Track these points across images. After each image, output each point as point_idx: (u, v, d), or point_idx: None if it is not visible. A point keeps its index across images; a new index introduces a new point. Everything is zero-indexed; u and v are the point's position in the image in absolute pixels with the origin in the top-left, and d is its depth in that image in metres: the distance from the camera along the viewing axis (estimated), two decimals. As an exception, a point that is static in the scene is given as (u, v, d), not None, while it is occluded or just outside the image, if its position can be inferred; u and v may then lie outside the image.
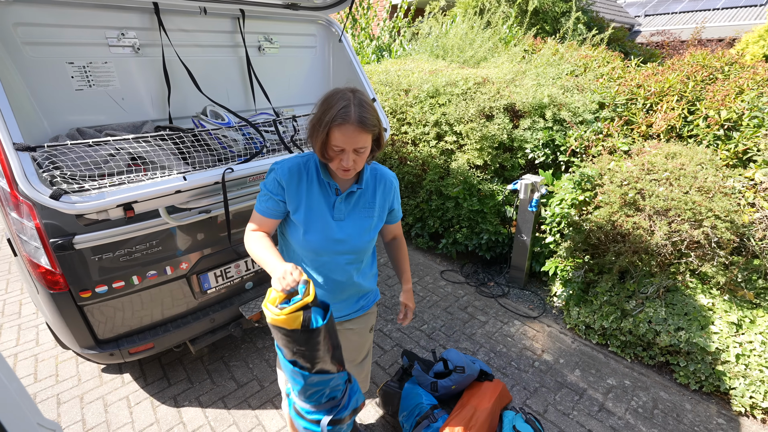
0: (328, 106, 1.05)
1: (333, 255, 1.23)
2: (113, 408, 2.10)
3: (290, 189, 1.18)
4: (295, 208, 1.19)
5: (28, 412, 0.54)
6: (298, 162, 1.20)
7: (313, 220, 1.19)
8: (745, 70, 2.71)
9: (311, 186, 1.20)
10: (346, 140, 1.04)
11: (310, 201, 1.19)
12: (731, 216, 2.04)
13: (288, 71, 2.23)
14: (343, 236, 1.21)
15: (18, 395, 0.53)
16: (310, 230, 1.19)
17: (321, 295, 1.28)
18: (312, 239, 1.20)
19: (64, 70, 1.52)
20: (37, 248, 1.71)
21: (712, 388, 2.06)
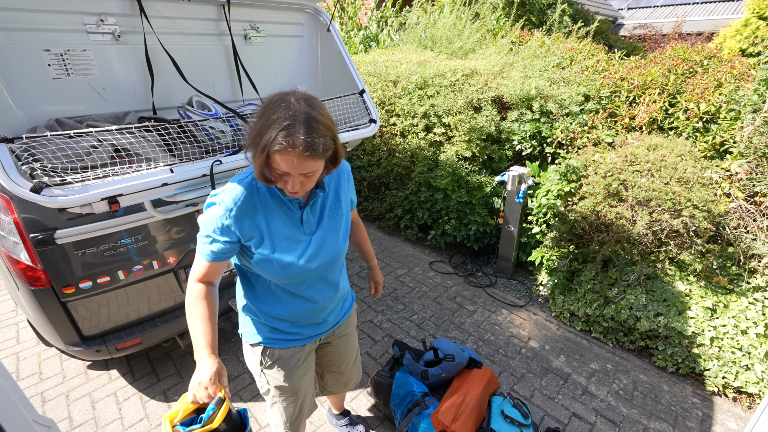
0: (267, 122, 0.85)
1: (317, 273, 1.11)
2: (101, 405, 2.07)
3: (243, 226, 0.99)
4: (258, 241, 1.01)
5: (23, 409, 0.53)
6: (243, 190, 0.98)
7: (284, 248, 1.03)
8: (723, 64, 2.79)
9: (268, 210, 1.01)
10: (291, 167, 0.87)
11: (273, 228, 1.02)
12: (708, 206, 2.12)
13: (275, 61, 2.19)
14: (322, 250, 1.08)
15: (12, 392, 0.52)
16: (285, 260, 1.03)
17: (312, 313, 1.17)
18: (290, 269, 1.04)
19: (40, 58, 1.45)
20: (17, 243, 1.65)
21: (687, 369, 2.17)
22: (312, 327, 1.22)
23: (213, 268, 1.03)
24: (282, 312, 1.14)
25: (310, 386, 1.35)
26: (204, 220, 1.01)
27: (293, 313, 1.15)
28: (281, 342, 1.19)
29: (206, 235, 1.00)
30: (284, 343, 1.19)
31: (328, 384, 1.55)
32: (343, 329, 1.37)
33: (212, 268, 1.03)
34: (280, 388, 1.25)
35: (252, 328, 1.19)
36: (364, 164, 3.81)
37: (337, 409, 1.87)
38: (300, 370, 1.25)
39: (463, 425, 1.68)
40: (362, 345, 2.45)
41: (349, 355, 1.46)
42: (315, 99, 0.93)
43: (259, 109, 0.92)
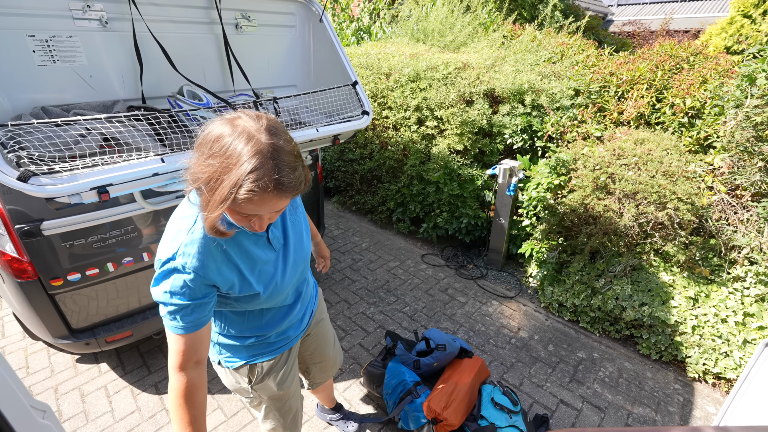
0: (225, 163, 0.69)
1: (294, 281, 1.05)
2: (91, 398, 2.05)
3: (217, 274, 0.85)
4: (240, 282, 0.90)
5: (20, 394, 0.53)
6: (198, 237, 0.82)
7: (264, 274, 0.94)
8: (709, 60, 2.86)
9: (238, 246, 0.89)
10: (263, 210, 0.75)
11: (248, 261, 0.91)
12: (692, 198, 2.18)
13: (267, 51, 2.17)
14: (294, 257, 1.02)
15: (9, 378, 0.52)
16: (267, 286, 0.95)
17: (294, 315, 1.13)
18: (273, 290, 0.96)
19: (24, 44, 1.41)
20: (1, 235, 1.62)
21: (670, 357, 2.24)
22: (295, 327, 1.19)
23: (195, 340, 0.85)
24: (266, 328, 1.08)
25: (298, 384, 1.33)
26: (168, 293, 0.82)
27: (278, 323, 1.10)
28: (269, 354, 1.12)
29: (179, 307, 0.82)
30: (273, 353, 1.13)
31: (315, 377, 1.52)
32: (318, 316, 1.35)
33: (194, 341, 0.86)
34: (276, 398, 1.21)
35: (230, 352, 1.10)
36: (357, 157, 3.81)
37: (329, 403, 1.84)
38: (290, 374, 1.22)
39: (454, 412, 1.72)
40: (355, 336, 2.47)
41: (329, 338, 1.44)
42: (274, 121, 0.76)
43: (205, 142, 0.73)
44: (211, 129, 0.74)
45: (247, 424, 1.91)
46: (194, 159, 0.75)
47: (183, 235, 0.83)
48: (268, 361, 1.13)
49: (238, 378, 1.14)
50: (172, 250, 0.82)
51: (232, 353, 1.11)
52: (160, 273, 0.83)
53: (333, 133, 1.89)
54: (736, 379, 2.04)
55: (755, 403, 1.06)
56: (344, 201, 4.19)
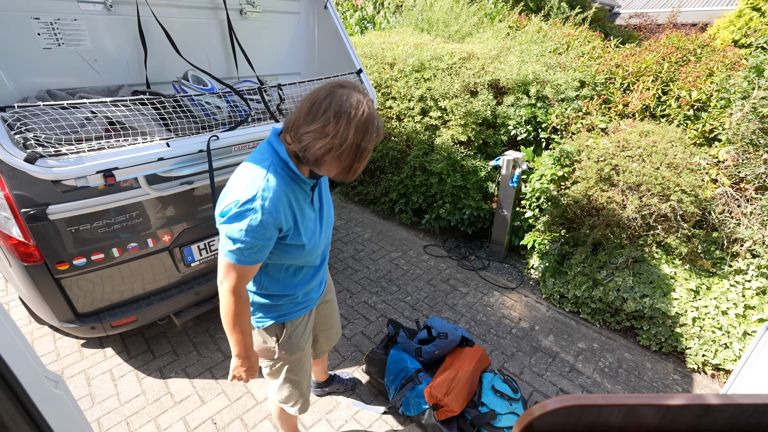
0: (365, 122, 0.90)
1: (323, 243, 1.19)
2: (96, 381, 2.08)
3: (283, 218, 0.98)
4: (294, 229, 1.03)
5: (35, 364, 0.54)
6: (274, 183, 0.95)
7: (308, 229, 1.07)
8: (716, 53, 2.83)
9: (294, 194, 1.02)
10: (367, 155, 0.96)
11: (300, 210, 1.04)
12: (696, 191, 2.18)
13: (271, 37, 2.15)
14: (326, 221, 1.16)
15: (25, 349, 0.53)
16: (310, 240, 1.08)
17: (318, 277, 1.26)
18: (311, 246, 1.09)
19: (29, 26, 1.41)
20: (8, 218, 1.63)
21: (670, 348, 2.26)
22: (316, 289, 1.29)
23: (252, 271, 1.01)
24: (301, 284, 1.19)
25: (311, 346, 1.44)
26: (243, 231, 0.92)
27: (307, 283, 1.20)
28: (294, 314, 1.23)
29: (249, 245, 0.94)
30: (298, 313, 1.24)
31: (322, 345, 1.62)
32: (328, 285, 1.49)
33: (251, 272, 1.01)
34: (296, 358, 1.30)
35: (262, 312, 1.21)
36: (359, 148, 3.79)
37: (323, 375, 1.94)
38: (309, 334, 1.33)
39: (455, 399, 1.74)
40: (357, 324, 2.49)
41: (336, 308, 1.60)
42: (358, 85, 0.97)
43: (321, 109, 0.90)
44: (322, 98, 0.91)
45: (251, 408, 1.94)
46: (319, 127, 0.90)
47: (260, 182, 0.94)
48: (294, 320, 1.24)
49: (266, 337, 1.24)
50: (251, 193, 0.92)
51: (263, 313, 1.20)
52: (237, 212, 0.92)
53: (337, 121, 1.89)
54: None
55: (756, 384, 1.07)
56: (347, 192, 4.19)
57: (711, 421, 0.36)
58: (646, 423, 0.36)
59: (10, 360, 0.48)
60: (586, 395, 0.36)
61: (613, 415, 0.36)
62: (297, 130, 0.94)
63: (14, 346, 0.50)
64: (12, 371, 0.48)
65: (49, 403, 0.53)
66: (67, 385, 0.62)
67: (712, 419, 0.35)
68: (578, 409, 0.35)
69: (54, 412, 0.54)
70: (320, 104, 0.90)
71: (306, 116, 0.92)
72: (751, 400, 0.35)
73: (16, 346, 0.51)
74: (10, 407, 0.46)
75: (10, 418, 0.46)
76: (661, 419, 0.35)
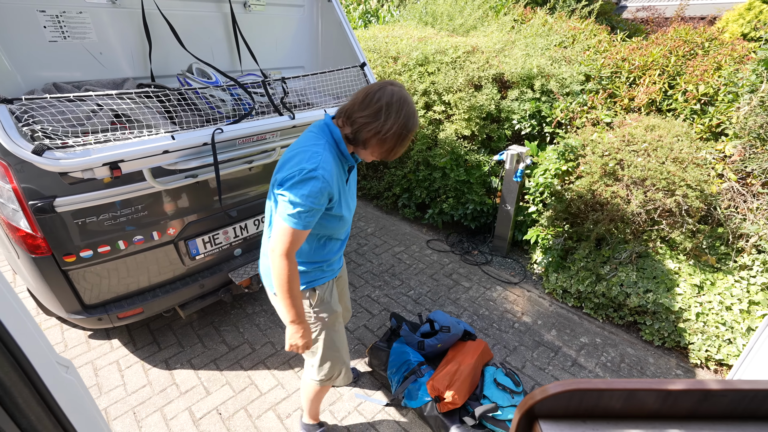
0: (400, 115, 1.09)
1: (351, 220, 1.35)
2: (103, 372, 2.11)
3: (335, 187, 1.16)
4: (337, 200, 1.19)
5: (47, 349, 0.56)
6: (330, 157, 1.13)
7: (344, 203, 1.24)
8: (724, 46, 2.79)
9: (339, 173, 1.21)
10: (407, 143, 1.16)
11: (342, 184, 1.22)
12: (701, 185, 2.17)
13: (275, 31, 2.15)
14: (353, 199, 1.33)
15: (36, 334, 0.54)
16: (345, 211, 1.25)
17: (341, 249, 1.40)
18: (346, 218, 1.27)
19: (35, 19, 1.42)
20: (16, 211, 1.65)
21: (673, 343, 2.26)
22: (338, 262, 1.43)
23: (303, 236, 1.13)
24: (328, 255, 1.33)
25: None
26: (305, 195, 1.07)
27: (335, 253, 1.36)
28: (322, 279, 1.35)
29: (308, 209, 1.08)
30: (324, 279, 1.37)
31: None
32: (344, 265, 1.61)
33: (302, 237, 1.13)
34: (332, 319, 1.40)
35: None
36: (363, 142, 3.79)
37: None
38: (336, 298, 1.45)
39: (458, 391, 1.75)
40: (360, 318, 2.51)
41: (347, 287, 1.73)
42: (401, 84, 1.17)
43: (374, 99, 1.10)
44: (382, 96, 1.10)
45: (255, 399, 1.96)
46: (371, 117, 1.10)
47: (321, 155, 1.11)
48: (322, 285, 1.36)
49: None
50: (315, 163, 1.08)
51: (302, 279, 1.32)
52: (301, 178, 1.07)
53: (341, 115, 1.89)
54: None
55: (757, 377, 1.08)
56: (350, 186, 4.19)
57: (711, 406, 0.36)
58: (646, 408, 0.36)
59: (24, 345, 0.49)
60: (587, 380, 0.36)
61: (614, 400, 0.36)
62: (351, 115, 1.13)
63: (28, 332, 0.51)
64: (26, 356, 0.49)
65: (60, 387, 0.55)
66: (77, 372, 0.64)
67: (712, 404, 0.36)
68: (579, 393, 0.36)
69: (65, 396, 0.55)
70: (373, 95, 1.10)
71: (360, 104, 1.11)
72: (751, 385, 0.35)
73: (29, 332, 0.52)
74: (24, 390, 0.47)
75: (23, 401, 0.47)
76: (662, 404, 0.36)
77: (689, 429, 0.37)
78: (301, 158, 1.10)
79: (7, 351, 0.45)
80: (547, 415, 0.37)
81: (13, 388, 0.46)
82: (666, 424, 0.37)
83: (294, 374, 2.10)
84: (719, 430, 0.36)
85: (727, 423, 0.37)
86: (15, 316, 0.47)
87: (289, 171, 1.09)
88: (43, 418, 0.50)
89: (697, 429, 0.37)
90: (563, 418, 0.37)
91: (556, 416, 0.37)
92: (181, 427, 1.83)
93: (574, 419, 0.37)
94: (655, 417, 0.37)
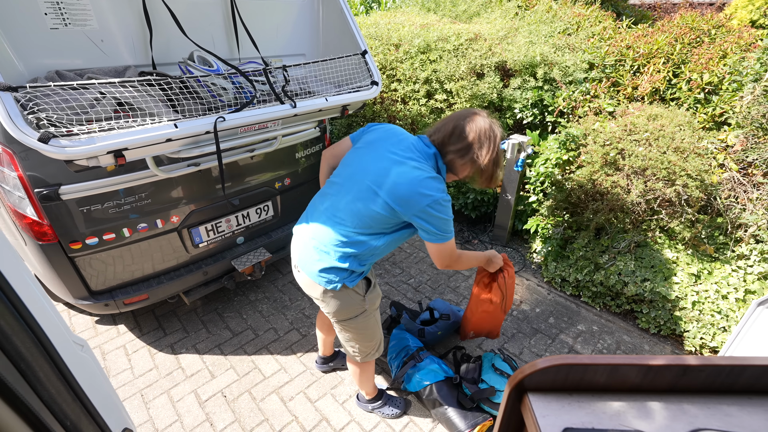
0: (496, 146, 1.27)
1: None
2: (111, 356, 2.17)
3: None
4: None
5: (63, 329, 0.58)
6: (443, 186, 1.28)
7: None
8: (731, 33, 2.75)
9: None
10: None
11: None
12: (702, 175, 2.17)
13: (275, 18, 2.13)
14: None
15: (53, 313, 0.57)
16: None
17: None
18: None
19: (36, 5, 1.41)
20: (22, 198, 1.67)
21: (668, 331, 2.30)
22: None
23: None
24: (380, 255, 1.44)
25: None
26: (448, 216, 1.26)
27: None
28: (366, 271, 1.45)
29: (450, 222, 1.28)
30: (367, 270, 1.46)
31: None
32: None
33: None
34: (377, 305, 1.53)
35: (355, 275, 1.39)
36: (364, 131, 3.78)
37: (330, 350, 2.03)
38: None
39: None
40: (361, 305, 2.55)
41: None
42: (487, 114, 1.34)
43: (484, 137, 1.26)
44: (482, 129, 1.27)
45: (258, 383, 2.02)
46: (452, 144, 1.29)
47: (440, 183, 1.27)
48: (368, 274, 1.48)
49: (354, 295, 1.42)
50: (443, 190, 1.25)
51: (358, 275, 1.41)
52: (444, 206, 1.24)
53: (342, 103, 1.89)
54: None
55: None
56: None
57: (689, 380, 0.38)
58: (628, 382, 0.39)
59: (43, 324, 0.52)
60: (573, 355, 0.38)
61: (598, 374, 0.39)
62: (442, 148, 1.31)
63: (46, 313, 0.54)
64: (46, 334, 0.52)
65: (76, 363, 0.58)
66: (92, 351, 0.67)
67: (691, 378, 0.38)
68: (566, 367, 0.38)
69: (81, 372, 0.58)
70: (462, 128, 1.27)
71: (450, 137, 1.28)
72: (728, 361, 0.38)
73: (48, 313, 0.55)
74: (45, 365, 0.50)
75: (44, 375, 0.50)
76: (643, 378, 0.38)
77: (669, 402, 0.39)
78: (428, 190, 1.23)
79: (29, 330, 0.48)
80: (536, 389, 0.40)
81: (35, 363, 0.49)
82: (647, 396, 0.39)
83: (296, 359, 2.15)
84: (697, 402, 0.39)
85: (705, 396, 0.39)
86: (36, 299, 0.50)
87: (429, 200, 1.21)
88: (62, 391, 0.53)
89: (676, 402, 0.39)
90: (551, 391, 0.40)
91: (544, 389, 0.40)
92: (187, 408, 1.89)
93: (561, 392, 0.40)
94: (637, 390, 0.39)
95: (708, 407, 0.38)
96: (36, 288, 0.52)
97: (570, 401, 0.39)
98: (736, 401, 0.38)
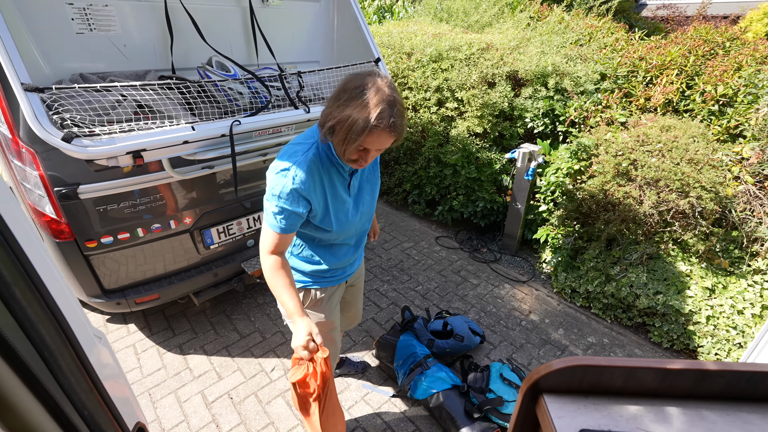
0: (364, 107, 0.92)
1: (357, 228, 1.25)
2: (120, 354, 2.19)
3: (313, 193, 1.06)
4: (324, 208, 1.11)
5: (84, 321, 0.60)
6: (309, 160, 1.04)
7: (338, 211, 1.14)
8: (746, 46, 2.73)
9: (329, 176, 1.09)
10: (375, 145, 0.97)
11: (333, 193, 1.11)
12: (716, 187, 2.14)
13: (291, 26, 2.18)
14: (363, 208, 1.22)
15: (76, 305, 0.59)
16: (338, 221, 1.15)
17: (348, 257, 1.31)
18: (340, 229, 1.16)
19: (63, 11, 1.47)
20: (42, 196, 1.72)
21: (682, 346, 2.24)
22: (346, 268, 1.37)
23: (283, 239, 1.08)
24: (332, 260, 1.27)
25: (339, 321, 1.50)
26: (277, 195, 1.02)
27: (340, 258, 1.29)
28: (324, 283, 1.31)
29: (280, 211, 1.04)
30: (327, 284, 1.32)
31: (341, 325, 1.69)
32: (359, 272, 1.57)
33: (282, 240, 1.08)
34: (321, 325, 1.36)
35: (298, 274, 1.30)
36: (374, 138, 3.81)
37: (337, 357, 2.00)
38: (335, 307, 1.40)
39: (463, 385, 1.78)
40: (368, 311, 2.55)
41: (361, 296, 1.70)
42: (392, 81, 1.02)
43: (343, 91, 0.97)
44: (350, 82, 0.97)
45: (265, 385, 2.02)
46: (333, 103, 0.98)
47: (299, 156, 1.04)
48: (322, 288, 1.32)
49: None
50: (288, 163, 1.03)
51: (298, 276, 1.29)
52: (274, 177, 1.03)
53: (354, 110, 1.92)
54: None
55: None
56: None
57: (708, 386, 0.38)
58: (645, 385, 0.39)
59: (68, 316, 0.54)
60: (590, 357, 0.38)
61: (615, 377, 0.38)
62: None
63: (71, 306, 0.56)
64: (69, 325, 0.54)
65: (95, 354, 0.59)
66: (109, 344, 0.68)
67: (709, 384, 0.38)
68: (582, 369, 0.38)
69: (99, 363, 0.60)
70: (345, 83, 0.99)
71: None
72: (748, 368, 0.37)
73: (72, 306, 0.56)
74: (66, 354, 0.52)
75: (66, 363, 0.51)
76: (660, 382, 0.38)
77: (687, 407, 0.39)
78: (278, 160, 1.04)
79: (54, 319, 0.49)
80: (551, 390, 0.40)
81: (58, 352, 0.50)
82: (664, 401, 0.39)
83: (303, 363, 2.15)
84: (716, 409, 0.38)
85: (724, 403, 0.39)
86: (62, 292, 0.52)
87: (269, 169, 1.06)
88: (81, 381, 0.54)
89: (694, 407, 0.39)
90: (566, 393, 0.40)
91: (560, 391, 0.40)
92: (194, 409, 1.90)
93: (576, 394, 0.40)
94: (653, 395, 0.39)
95: (727, 414, 0.37)
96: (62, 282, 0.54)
97: (586, 403, 0.39)
98: (757, 409, 0.38)
